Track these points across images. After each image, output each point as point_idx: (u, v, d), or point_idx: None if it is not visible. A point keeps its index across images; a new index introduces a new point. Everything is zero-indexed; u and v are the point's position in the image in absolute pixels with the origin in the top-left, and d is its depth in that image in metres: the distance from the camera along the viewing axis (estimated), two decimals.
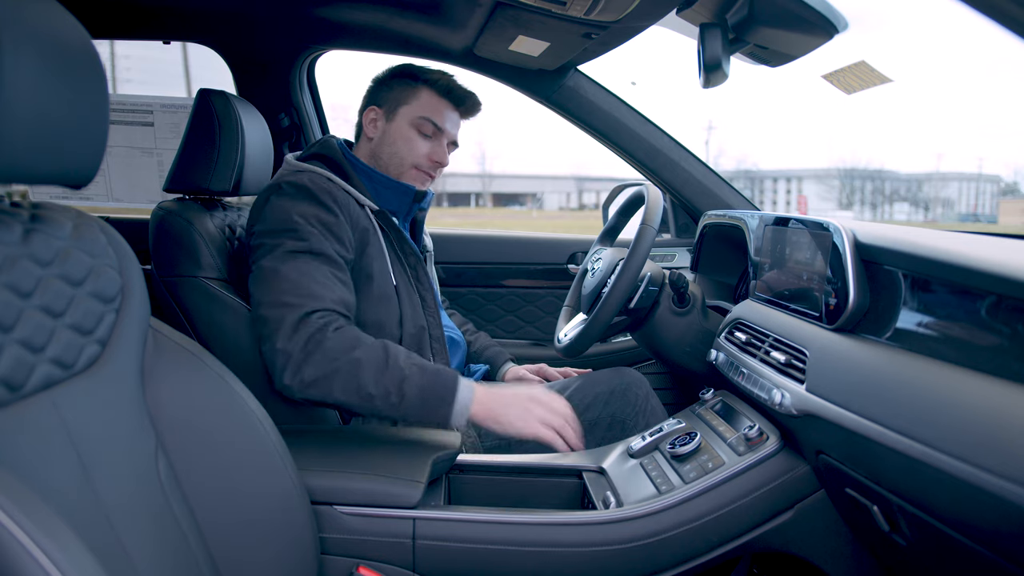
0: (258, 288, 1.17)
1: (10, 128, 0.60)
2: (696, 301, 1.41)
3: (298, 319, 1.10)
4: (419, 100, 1.38)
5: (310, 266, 1.17)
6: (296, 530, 0.89)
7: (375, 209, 1.33)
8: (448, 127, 1.41)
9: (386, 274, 1.31)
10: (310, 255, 1.18)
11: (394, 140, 1.39)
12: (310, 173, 1.29)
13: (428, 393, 1.08)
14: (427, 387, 1.08)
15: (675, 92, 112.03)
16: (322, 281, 1.16)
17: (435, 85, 1.39)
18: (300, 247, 1.18)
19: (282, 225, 1.20)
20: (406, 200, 1.41)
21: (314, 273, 1.16)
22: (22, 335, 0.64)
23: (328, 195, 1.24)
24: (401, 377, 1.08)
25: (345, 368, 1.08)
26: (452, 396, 1.09)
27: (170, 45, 1.94)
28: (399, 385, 1.07)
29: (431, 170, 1.41)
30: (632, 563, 1.00)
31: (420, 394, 1.08)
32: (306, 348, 1.08)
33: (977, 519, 0.66)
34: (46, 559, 0.47)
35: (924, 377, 0.75)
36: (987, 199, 54.67)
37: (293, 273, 1.15)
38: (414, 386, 1.08)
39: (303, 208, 1.22)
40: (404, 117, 1.38)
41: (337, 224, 1.23)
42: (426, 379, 1.09)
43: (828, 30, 1.17)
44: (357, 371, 1.07)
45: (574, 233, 2.19)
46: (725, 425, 1.17)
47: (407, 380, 1.08)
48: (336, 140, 1.41)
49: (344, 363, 1.08)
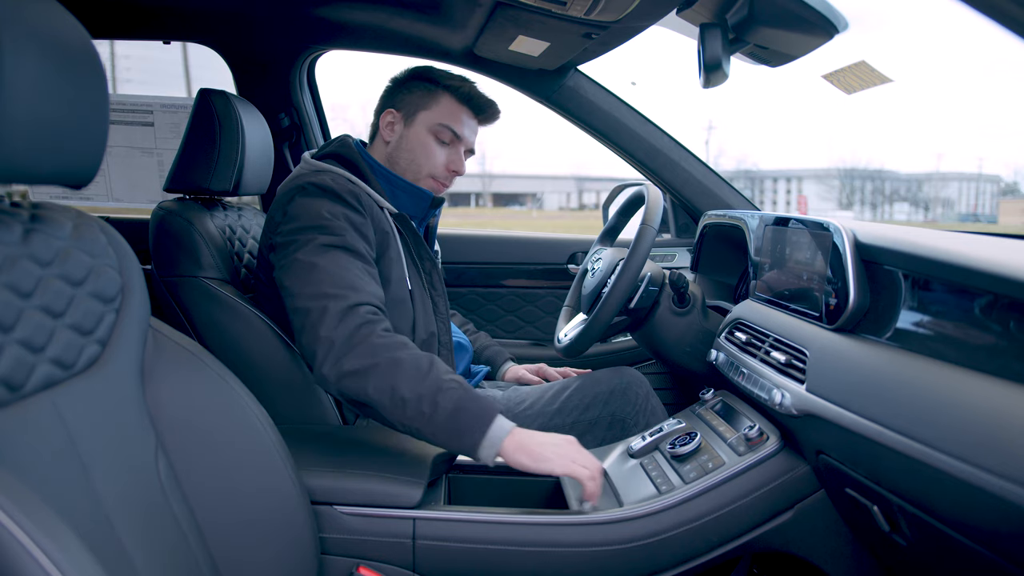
0: (295, 280, 1.13)
1: (10, 128, 0.60)
2: (696, 301, 1.41)
3: (343, 309, 1.07)
4: (439, 106, 1.35)
5: (346, 260, 1.14)
6: (296, 530, 0.89)
7: (394, 212, 1.32)
8: (467, 135, 1.37)
9: (402, 279, 1.29)
10: (344, 250, 1.15)
11: (412, 147, 1.35)
12: (332, 173, 1.26)
13: (463, 412, 1.00)
14: (463, 406, 1.00)
15: (675, 92, 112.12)
16: (360, 275, 1.14)
17: (456, 91, 1.35)
18: (334, 241, 1.15)
19: (313, 222, 1.17)
20: (423, 205, 1.38)
21: (351, 267, 1.13)
22: (22, 335, 0.64)
23: (352, 196, 1.22)
24: (438, 388, 1.01)
25: (385, 365, 1.02)
26: (487, 422, 1.00)
27: (170, 45, 1.94)
28: (434, 396, 1.00)
29: (447, 179, 1.39)
30: (632, 563, 1.00)
31: (454, 410, 1.00)
32: (351, 339, 1.04)
33: (977, 519, 0.66)
34: (46, 559, 0.47)
35: (924, 377, 0.75)
36: (987, 199, 54.68)
37: (331, 266, 1.12)
38: (450, 401, 1.00)
39: (331, 207, 1.19)
40: (423, 123, 1.35)
41: (364, 224, 1.22)
42: (465, 398, 1.01)
43: (828, 30, 1.17)
44: (396, 371, 1.02)
45: (574, 233, 2.19)
46: (725, 425, 1.17)
47: (443, 393, 1.01)
48: (353, 140, 1.38)
49: (385, 360, 1.02)
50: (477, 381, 1.56)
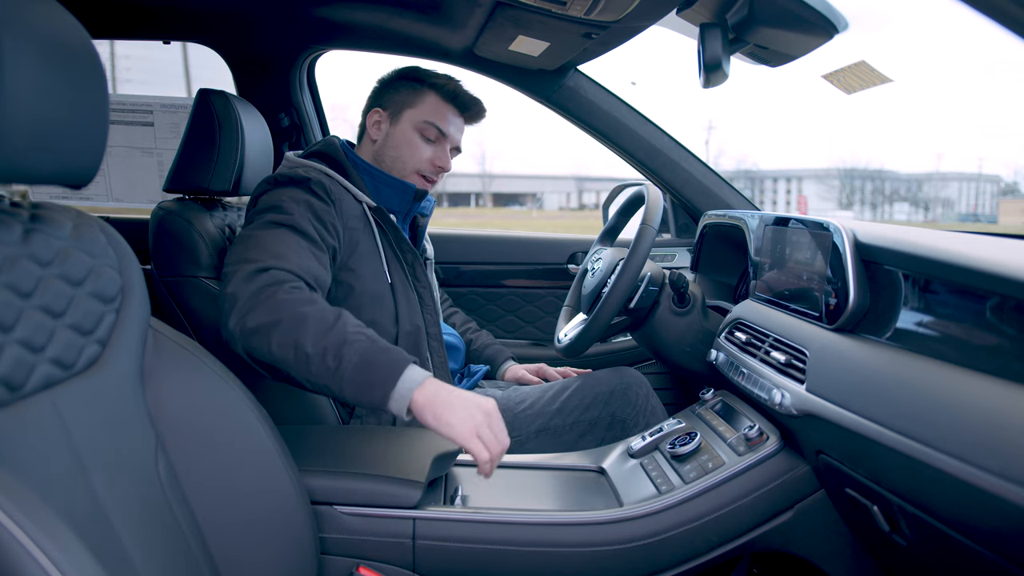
0: (229, 253, 1.12)
1: (10, 128, 0.60)
2: (696, 301, 1.41)
3: (256, 270, 1.05)
4: (424, 104, 1.38)
5: (285, 235, 1.13)
6: (296, 530, 0.89)
7: (372, 206, 1.33)
8: (452, 132, 1.40)
9: (380, 273, 1.31)
10: (289, 228, 1.15)
11: (397, 144, 1.38)
12: (307, 167, 1.30)
13: (370, 364, 0.94)
14: (371, 358, 0.94)
15: (675, 92, 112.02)
16: (294, 248, 1.12)
17: (440, 90, 1.38)
18: (280, 219, 1.16)
19: (268, 204, 1.20)
20: (406, 199, 1.40)
21: (287, 241, 1.12)
22: (22, 335, 0.64)
23: (320, 186, 1.24)
24: (343, 341, 0.95)
25: (288, 320, 0.97)
26: (396, 376, 0.93)
27: (170, 45, 1.94)
28: (338, 348, 0.94)
29: (433, 175, 1.41)
30: (632, 563, 1.00)
31: (360, 363, 0.94)
32: (257, 296, 1.01)
33: (977, 519, 0.66)
34: (46, 559, 0.47)
35: (924, 377, 0.75)
36: (987, 199, 54.66)
37: (265, 238, 1.12)
38: (355, 353, 0.94)
39: (293, 193, 1.21)
40: (408, 121, 1.38)
41: (326, 211, 1.22)
42: (372, 350, 0.96)
43: (828, 30, 1.17)
44: (300, 325, 0.97)
45: (574, 233, 2.19)
46: (725, 425, 1.17)
47: (348, 345, 0.95)
48: (339, 140, 1.41)
49: (288, 315, 0.98)
50: (476, 380, 1.56)
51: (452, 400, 0.94)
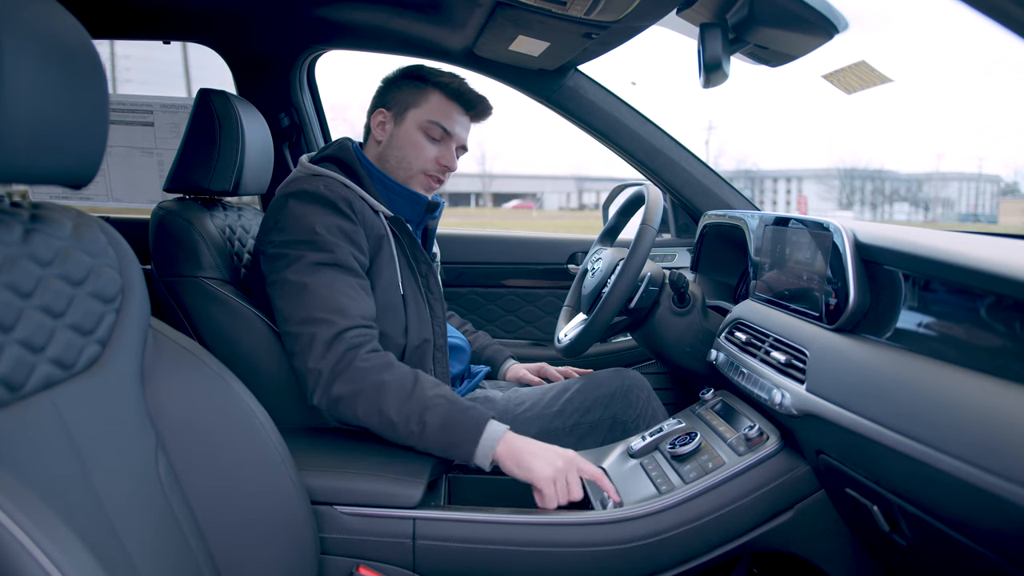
0: (286, 303, 1.15)
1: (10, 128, 0.60)
2: (696, 301, 1.41)
3: (331, 338, 1.10)
4: (428, 103, 1.35)
5: (337, 279, 1.15)
6: (296, 530, 0.89)
7: (389, 215, 1.31)
8: (458, 131, 1.37)
9: (394, 284, 1.29)
10: (336, 267, 1.16)
11: (402, 144, 1.35)
12: (327, 179, 1.26)
13: (452, 427, 1.06)
14: (451, 420, 1.06)
15: (675, 92, 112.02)
16: (350, 295, 1.15)
17: (445, 88, 1.35)
18: (325, 259, 1.16)
19: (304, 236, 1.18)
20: (418, 209, 1.38)
21: (341, 287, 1.15)
22: (22, 335, 0.64)
23: (346, 203, 1.22)
24: (424, 407, 1.06)
25: (369, 390, 1.07)
26: (478, 435, 1.05)
27: (170, 45, 1.94)
28: (420, 415, 1.05)
29: (439, 174, 1.38)
30: (632, 563, 1.00)
31: (442, 426, 1.05)
32: (336, 368, 1.08)
33: (977, 519, 0.66)
34: (46, 559, 0.47)
35: (924, 377, 0.75)
36: (987, 199, 54.64)
37: (322, 288, 1.13)
38: (437, 417, 1.05)
39: (323, 217, 1.19)
40: (412, 120, 1.35)
41: (356, 231, 1.22)
42: (452, 412, 1.07)
43: (828, 30, 1.17)
44: (381, 395, 1.07)
45: (574, 233, 2.19)
46: (725, 425, 1.17)
47: (429, 411, 1.06)
48: (353, 144, 1.38)
49: (369, 385, 1.07)
50: (477, 381, 1.56)
51: (534, 450, 1.06)
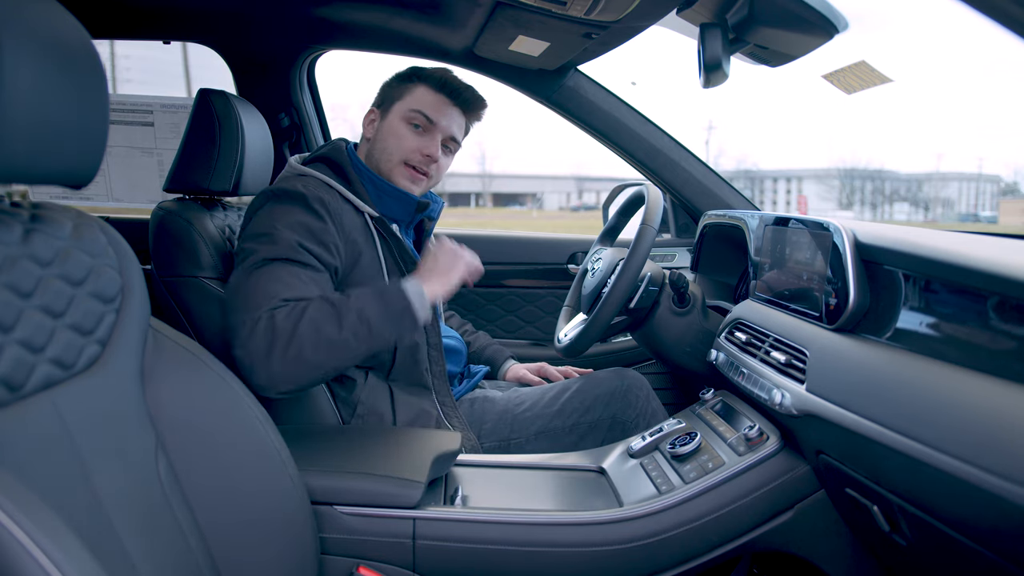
0: (228, 296, 1.16)
1: (10, 128, 0.59)
2: (696, 301, 1.41)
3: (255, 320, 1.08)
4: (413, 95, 1.36)
5: (281, 271, 1.14)
6: (296, 530, 0.89)
7: (374, 215, 1.31)
8: (442, 122, 1.36)
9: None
10: (286, 262, 1.15)
11: (385, 136, 1.36)
12: (307, 179, 1.27)
13: (385, 306, 1.13)
14: (381, 304, 1.14)
15: (675, 92, 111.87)
16: (287, 281, 1.14)
17: (429, 79, 1.36)
18: (276, 253, 1.15)
19: (261, 230, 1.19)
20: (408, 208, 1.38)
21: (282, 276, 1.14)
22: (22, 335, 0.64)
23: (319, 202, 1.22)
24: (355, 310, 1.11)
25: (306, 332, 1.07)
26: (404, 295, 1.15)
27: (170, 45, 1.94)
28: (357, 316, 1.11)
29: (421, 165, 1.36)
30: (632, 563, 1.00)
31: (380, 312, 1.13)
32: (265, 339, 1.07)
33: (977, 519, 0.66)
34: (46, 559, 0.47)
35: (924, 377, 0.75)
36: (987, 199, 54.62)
37: (263, 280, 1.13)
38: (370, 309, 1.12)
39: (288, 215, 1.20)
40: (397, 112, 1.36)
41: (323, 230, 1.21)
42: (375, 298, 1.14)
43: (828, 30, 1.17)
44: (317, 329, 1.08)
45: (574, 233, 2.19)
46: (725, 425, 1.17)
47: (360, 309, 1.12)
48: (347, 144, 1.39)
49: (302, 330, 1.07)
50: (477, 381, 1.56)
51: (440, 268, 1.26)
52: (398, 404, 1.29)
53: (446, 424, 1.32)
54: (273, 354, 1.06)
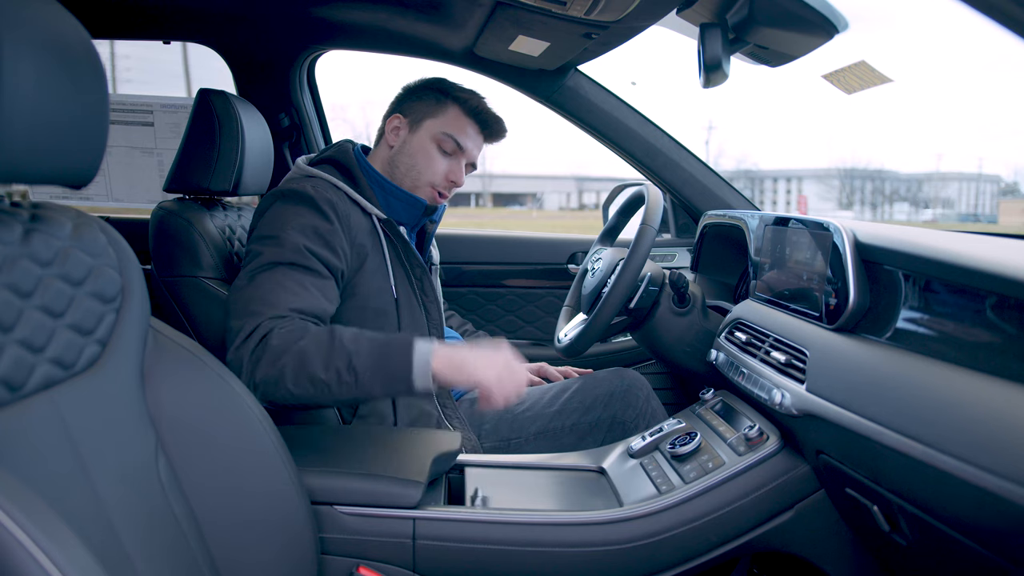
0: (230, 297, 1.15)
1: (10, 128, 0.59)
2: (696, 301, 1.41)
3: (252, 328, 1.07)
4: (445, 116, 1.35)
5: (288, 277, 1.13)
6: (296, 530, 0.89)
7: (382, 218, 1.31)
8: (470, 147, 1.36)
9: (386, 289, 1.29)
10: (291, 266, 1.15)
11: (414, 152, 1.35)
12: (315, 180, 1.27)
13: (382, 363, 1.03)
14: (379, 358, 1.03)
15: (675, 92, 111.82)
16: (295, 290, 1.12)
17: (464, 104, 1.35)
18: (282, 257, 1.15)
19: (269, 232, 1.18)
20: (415, 213, 1.38)
21: (286, 282, 1.13)
22: (22, 335, 0.64)
23: (328, 203, 1.22)
24: (348, 355, 1.03)
25: (292, 361, 1.03)
26: (408, 359, 1.02)
27: (170, 45, 1.95)
28: (348, 363, 1.03)
29: (446, 189, 1.37)
30: (632, 563, 1.00)
31: (373, 366, 1.03)
32: (255, 352, 1.05)
33: (977, 519, 0.66)
34: (46, 559, 0.47)
35: (924, 377, 0.75)
36: (987, 199, 54.60)
37: (266, 283, 1.12)
38: (365, 359, 1.03)
39: (298, 217, 1.19)
40: (427, 131, 1.34)
41: (332, 232, 1.21)
42: (376, 350, 1.04)
43: (828, 30, 1.17)
44: (304, 361, 1.03)
45: (574, 233, 2.19)
46: (725, 425, 1.17)
47: (355, 356, 1.03)
48: (354, 146, 1.38)
49: (289, 357, 1.03)
50: None
51: (467, 354, 1.05)
52: (399, 404, 1.29)
53: (447, 424, 1.33)
54: (257, 370, 1.04)
